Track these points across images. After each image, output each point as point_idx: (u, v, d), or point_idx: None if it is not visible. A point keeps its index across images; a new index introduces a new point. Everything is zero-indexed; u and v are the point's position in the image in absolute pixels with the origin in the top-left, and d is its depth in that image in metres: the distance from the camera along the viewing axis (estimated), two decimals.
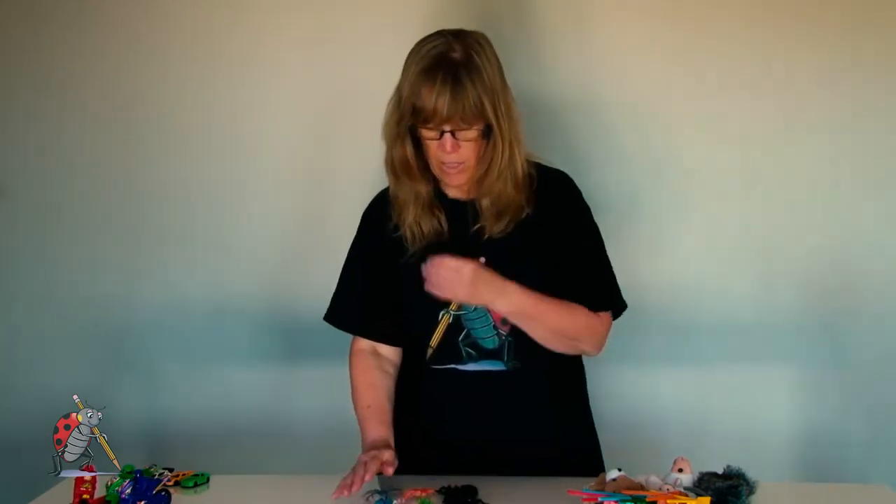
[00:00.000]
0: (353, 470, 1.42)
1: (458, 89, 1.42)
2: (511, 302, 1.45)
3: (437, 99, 1.42)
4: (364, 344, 1.64)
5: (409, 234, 1.55)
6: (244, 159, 2.20)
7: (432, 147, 1.48)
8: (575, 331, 1.52)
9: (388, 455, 1.44)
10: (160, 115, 2.19)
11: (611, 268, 1.60)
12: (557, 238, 1.55)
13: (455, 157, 1.47)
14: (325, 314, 1.66)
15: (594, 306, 1.54)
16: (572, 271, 1.54)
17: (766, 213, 2.15)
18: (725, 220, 2.15)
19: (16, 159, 2.23)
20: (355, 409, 1.59)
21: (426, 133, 1.47)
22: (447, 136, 1.45)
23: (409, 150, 1.50)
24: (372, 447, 1.49)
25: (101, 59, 2.19)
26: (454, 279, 1.41)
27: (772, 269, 2.15)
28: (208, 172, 2.20)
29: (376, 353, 1.63)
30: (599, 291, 1.57)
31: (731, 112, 2.12)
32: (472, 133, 1.46)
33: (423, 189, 1.54)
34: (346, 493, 1.37)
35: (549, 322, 1.49)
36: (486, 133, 1.46)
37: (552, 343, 1.51)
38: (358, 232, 1.66)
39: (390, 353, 1.64)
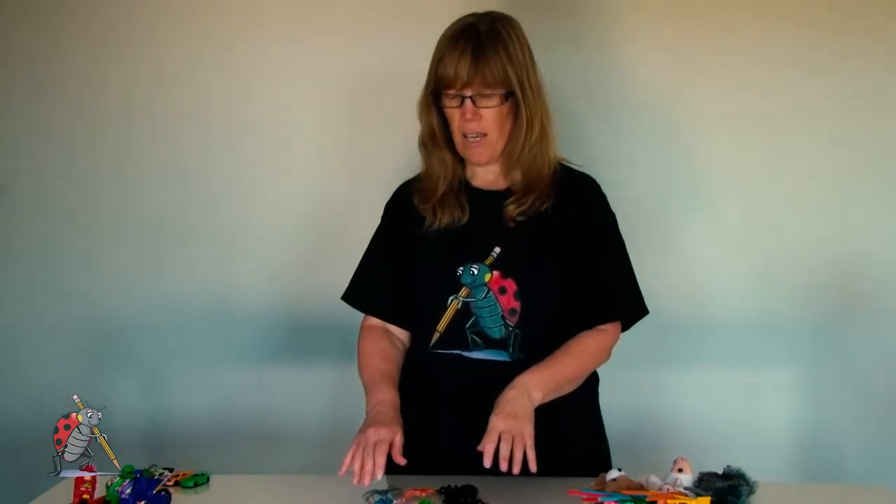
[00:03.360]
0: (358, 449, 1.38)
1: (479, 54, 1.47)
2: (543, 390, 1.44)
3: (458, 62, 1.46)
4: (375, 321, 1.65)
5: (430, 216, 1.57)
6: (248, 157, 2.20)
7: (455, 118, 1.51)
8: (593, 365, 1.57)
9: (397, 438, 1.41)
10: (163, 111, 2.19)
11: (632, 275, 1.59)
12: (575, 237, 1.55)
13: (476, 126, 1.50)
14: (343, 294, 1.68)
15: (607, 317, 1.56)
16: (590, 278, 1.55)
17: (767, 213, 2.15)
18: (727, 220, 2.15)
19: (15, 159, 2.23)
20: (363, 373, 1.57)
21: (449, 103, 1.51)
22: (467, 102, 1.48)
23: (435, 119, 1.55)
24: (379, 407, 1.47)
25: (101, 54, 2.18)
26: (512, 430, 1.35)
27: (772, 269, 2.15)
28: (211, 171, 2.20)
29: (386, 330, 1.65)
30: (614, 301, 1.57)
31: (734, 113, 2.12)
32: (493, 101, 1.49)
33: (449, 158, 1.57)
34: (355, 481, 1.35)
35: (575, 372, 1.52)
36: (508, 98, 1.49)
37: (580, 382, 1.55)
38: (381, 219, 1.68)
39: (400, 333, 1.65)
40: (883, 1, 2.09)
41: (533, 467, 1.34)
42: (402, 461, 1.39)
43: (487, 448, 1.33)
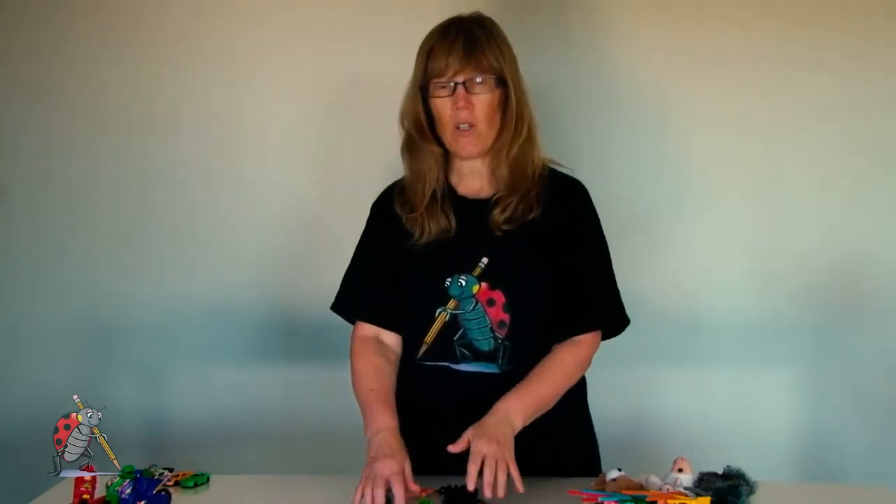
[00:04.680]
0: (368, 483, 1.34)
1: (471, 42, 1.48)
2: (523, 417, 1.41)
3: (450, 50, 1.47)
4: (368, 330, 1.61)
5: (417, 228, 1.55)
6: (245, 158, 2.20)
7: (445, 110, 1.49)
8: (570, 382, 1.52)
9: (407, 468, 1.38)
10: (159, 113, 2.19)
11: (613, 283, 1.56)
12: (561, 244, 1.53)
13: (467, 115, 1.48)
14: (332, 304, 1.65)
15: (585, 326, 1.53)
16: (570, 284, 1.52)
17: (767, 213, 2.15)
18: (726, 220, 2.15)
19: (16, 159, 2.24)
20: (357, 393, 1.54)
21: (439, 93, 1.49)
22: (460, 89, 1.47)
23: (422, 110, 1.53)
24: (381, 435, 1.44)
25: (101, 54, 2.19)
26: (495, 455, 1.33)
27: (772, 269, 2.15)
28: (208, 172, 2.20)
29: (379, 341, 1.61)
30: (593, 309, 1.54)
31: (733, 112, 2.12)
32: (486, 87, 1.48)
33: (438, 151, 1.55)
34: None
35: (554, 394, 1.48)
36: (500, 86, 1.49)
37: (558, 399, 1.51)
38: (367, 221, 1.66)
39: (393, 342, 1.61)
40: (883, 1, 2.09)
41: (520, 488, 1.32)
42: (416, 488, 1.37)
43: (471, 470, 1.30)
